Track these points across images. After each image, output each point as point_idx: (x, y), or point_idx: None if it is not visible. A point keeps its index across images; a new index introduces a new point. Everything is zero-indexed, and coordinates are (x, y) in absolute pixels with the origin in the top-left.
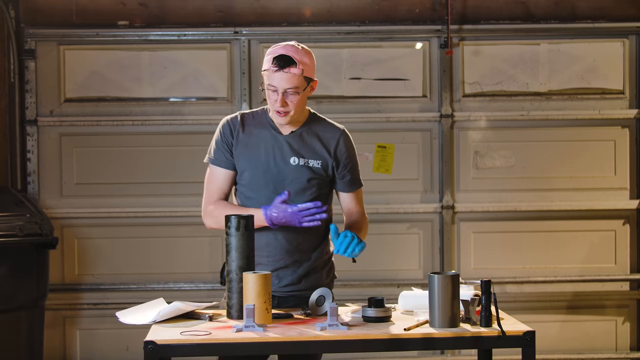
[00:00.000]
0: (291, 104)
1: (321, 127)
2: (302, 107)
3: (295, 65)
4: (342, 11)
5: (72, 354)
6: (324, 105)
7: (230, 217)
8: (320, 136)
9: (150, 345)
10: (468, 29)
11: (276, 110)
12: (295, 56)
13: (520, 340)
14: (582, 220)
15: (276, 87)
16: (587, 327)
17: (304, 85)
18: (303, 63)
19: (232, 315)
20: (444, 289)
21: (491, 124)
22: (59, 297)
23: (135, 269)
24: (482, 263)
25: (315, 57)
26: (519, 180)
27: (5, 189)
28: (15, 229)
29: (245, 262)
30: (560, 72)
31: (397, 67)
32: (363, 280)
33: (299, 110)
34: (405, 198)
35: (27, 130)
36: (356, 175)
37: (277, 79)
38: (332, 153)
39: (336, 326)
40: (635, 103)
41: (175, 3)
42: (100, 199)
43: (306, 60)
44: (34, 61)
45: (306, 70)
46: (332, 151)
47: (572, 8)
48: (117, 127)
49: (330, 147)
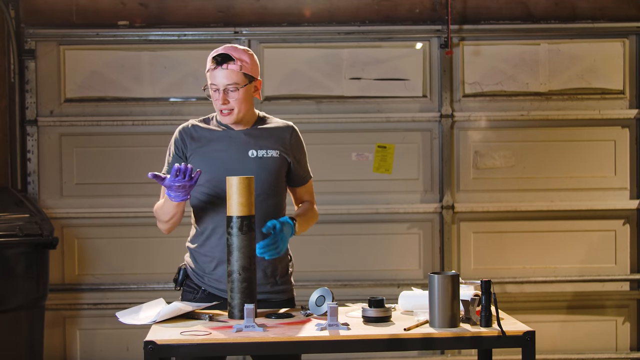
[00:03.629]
0: (233, 101)
1: (272, 125)
2: (246, 106)
3: (233, 61)
4: (342, 11)
5: (72, 354)
6: (324, 105)
7: (232, 217)
8: (272, 132)
9: (150, 345)
10: (468, 29)
11: (220, 110)
12: (233, 54)
13: (520, 340)
14: (582, 220)
15: (217, 85)
16: (587, 327)
17: (244, 81)
18: (241, 60)
19: (233, 315)
20: (444, 289)
21: (491, 124)
22: (59, 297)
23: (135, 269)
24: (482, 263)
25: (315, 57)
26: (519, 180)
27: (5, 189)
28: (15, 229)
29: (248, 262)
30: (560, 72)
31: (397, 67)
32: (363, 280)
33: (242, 109)
34: (405, 198)
35: (27, 130)
36: (306, 168)
37: (217, 76)
38: (287, 146)
39: (336, 326)
40: (635, 103)
41: (175, 3)
42: (100, 199)
43: (245, 58)
44: (34, 61)
45: (245, 67)
46: (287, 144)
47: (572, 8)
48: (117, 127)
49: (284, 141)
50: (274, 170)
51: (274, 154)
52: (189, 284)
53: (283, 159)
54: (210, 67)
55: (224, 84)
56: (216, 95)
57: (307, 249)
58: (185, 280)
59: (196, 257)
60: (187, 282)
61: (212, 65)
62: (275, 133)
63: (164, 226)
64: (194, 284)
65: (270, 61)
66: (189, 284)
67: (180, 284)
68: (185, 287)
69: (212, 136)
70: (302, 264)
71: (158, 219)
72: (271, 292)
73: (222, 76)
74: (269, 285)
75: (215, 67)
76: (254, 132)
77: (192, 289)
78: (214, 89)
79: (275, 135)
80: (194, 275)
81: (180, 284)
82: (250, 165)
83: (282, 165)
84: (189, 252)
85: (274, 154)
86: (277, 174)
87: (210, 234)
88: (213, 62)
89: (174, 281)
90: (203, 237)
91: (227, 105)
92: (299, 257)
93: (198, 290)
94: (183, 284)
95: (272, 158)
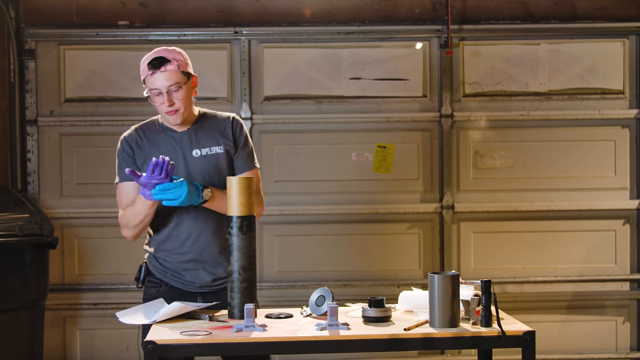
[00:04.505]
0: (177, 100)
1: (213, 119)
2: (189, 103)
3: (170, 62)
4: (342, 11)
5: (72, 354)
6: (324, 105)
7: (232, 217)
8: (214, 126)
9: (150, 345)
10: (468, 29)
11: (166, 112)
12: (167, 55)
13: (520, 340)
14: (582, 220)
15: (159, 88)
16: (587, 327)
17: (184, 79)
18: (176, 59)
19: (233, 315)
20: (444, 289)
21: (491, 124)
22: (59, 297)
23: (135, 269)
24: (482, 263)
25: (316, 57)
26: (519, 180)
27: (5, 189)
28: (15, 229)
29: (248, 262)
30: (560, 72)
31: (397, 67)
32: (363, 280)
33: (187, 107)
34: (405, 198)
35: (27, 130)
36: (250, 156)
37: (157, 80)
38: (230, 138)
39: (336, 326)
40: (635, 103)
41: (175, 3)
42: (100, 199)
43: (178, 57)
44: (34, 61)
45: (181, 66)
46: (230, 136)
47: (572, 8)
48: (117, 127)
49: (226, 134)
50: (220, 166)
51: (218, 150)
52: (150, 280)
53: (227, 153)
54: (148, 73)
55: (166, 85)
56: (160, 99)
57: (307, 249)
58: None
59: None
60: (149, 278)
61: (149, 71)
62: (216, 128)
63: (131, 231)
64: (157, 279)
65: (270, 61)
66: (151, 280)
67: (142, 282)
68: (147, 283)
69: (155, 141)
70: (302, 264)
71: (126, 225)
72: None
73: (163, 79)
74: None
75: (154, 71)
76: (194, 132)
77: (155, 283)
78: (156, 93)
79: (217, 130)
80: (156, 270)
81: (142, 281)
82: (196, 165)
83: (227, 159)
84: (149, 255)
85: (217, 149)
86: (223, 167)
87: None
88: (150, 68)
89: (136, 279)
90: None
91: (173, 105)
92: (299, 257)
93: (161, 284)
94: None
95: (216, 154)
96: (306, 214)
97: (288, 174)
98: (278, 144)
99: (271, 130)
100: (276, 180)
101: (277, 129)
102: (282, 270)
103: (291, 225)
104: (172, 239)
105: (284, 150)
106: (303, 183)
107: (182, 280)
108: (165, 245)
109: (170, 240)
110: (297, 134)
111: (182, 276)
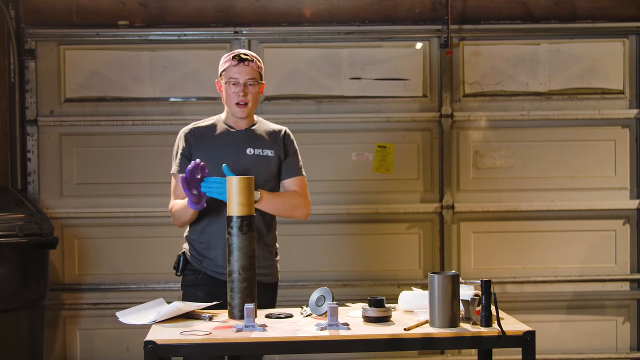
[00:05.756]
0: (250, 95)
1: (268, 126)
2: (256, 102)
3: (252, 61)
4: (342, 11)
5: (72, 354)
6: (324, 105)
7: (232, 217)
8: (269, 133)
9: (150, 345)
10: (468, 29)
11: (236, 103)
12: (250, 54)
13: (520, 340)
14: (582, 220)
15: (237, 79)
16: (587, 327)
17: (259, 78)
18: (257, 60)
19: (233, 315)
20: (444, 288)
21: (491, 124)
22: (59, 297)
23: (135, 269)
24: (482, 263)
25: (316, 57)
26: (519, 180)
27: (5, 188)
28: (15, 229)
29: (248, 262)
30: (560, 72)
31: (397, 67)
32: (363, 280)
33: (254, 105)
34: (405, 198)
35: (27, 130)
36: (298, 165)
37: (238, 71)
38: (281, 145)
39: (336, 326)
40: (635, 103)
41: (175, 3)
42: (100, 199)
43: (257, 61)
44: (34, 61)
45: (260, 68)
46: (281, 144)
47: (572, 8)
48: (117, 127)
49: (278, 141)
50: (270, 167)
51: (269, 153)
52: (189, 268)
53: (277, 158)
54: (231, 64)
55: (245, 78)
56: (235, 89)
57: (307, 249)
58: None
59: (194, 245)
60: (187, 266)
61: (233, 62)
62: (270, 135)
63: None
64: (194, 268)
65: (270, 61)
66: (190, 268)
67: (181, 270)
68: (186, 270)
69: (214, 134)
70: (303, 264)
71: (175, 217)
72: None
73: (244, 71)
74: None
75: (238, 63)
76: (251, 132)
77: (193, 271)
78: (234, 82)
79: (270, 137)
80: (194, 260)
81: (181, 270)
82: (248, 161)
83: (276, 163)
84: (187, 242)
85: (269, 153)
86: (272, 170)
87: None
88: (235, 59)
89: (175, 268)
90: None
91: (245, 98)
92: (299, 257)
93: (199, 272)
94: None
95: (267, 157)
96: None
97: None
98: None
99: None
100: None
101: None
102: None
103: (291, 225)
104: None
105: None
106: None
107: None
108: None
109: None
110: (297, 134)
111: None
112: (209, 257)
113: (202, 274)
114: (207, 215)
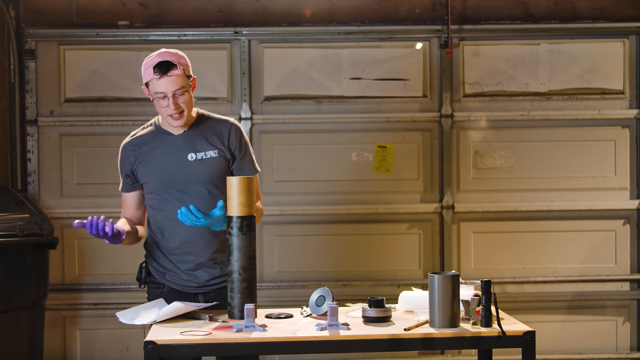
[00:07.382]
0: (183, 104)
1: (212, 122)
2: (192, 105)
3: (176, 67)
4: (342, 11)
5: (72, 354)
6: (324, 105)
7: (232, 217)
8: (211, 129)
9: (151, 345)
10: (468, 29)
11: (170, 115)
12: (172, 59)
13: (520, 340)
14: (582, 220)
15: (165, 92)
16: (587, 327)
17: (188, 83)
18: (181, 63)
19: (233, 315)
20: (444, 289)
21: (491, 124)
22: (59, 297)
23: (135, 269)
24: (482, 263)
25: (316, 57)
26: (519, 180)
27: (5, 189)
28: (15, 229)
29: (248, 262)
30: (560, 72)
31: (397, 67)
32: (363, 280)
33: (190, 106)
34: (405, 198)
35: (27, 130)
36: (252, 162)
37: (164, 84)
38: (226, 144)
39: (336, 326)
40: (635, 103)
41: (175, 3)
42: (100, 199)
43: (183, 61)
44: (34, 61)
45: (186, 70)
46: (226, 142)
47: (572, 8)
48: (117, 127)
49: (223, 139)
50: (214, 168)
51: (213, 154)
52: (152, 280)
53: (222, 158)
54: (154, 77)
55: (172, 90)
56: (164, 103)
57: (307, 249)
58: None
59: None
60: (150, 278)
61: (155, 75)
62: (213, 131)
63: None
64: (157, 281)
65: (270, 61)
66: (153, 280)
67: (144, 282)
68: (150, 283)
69: (153, 144)
70: (302, 264)
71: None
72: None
73: (169, 83)
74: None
75: (161, 75)
76: (190, 135)
77: (157, 285)
78: (161, 96)
79: (213, 134)
80: (155, 272)
81: (144, 281)
82: (191, 169)
83: (222, 164)
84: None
85: (212, 154)
86: (217, 171)
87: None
88: (157, 72)
89: (137, 280)
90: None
91: (178, 109)
92: (299, 257)
93: (164, 285)
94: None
95: (211, 159)
96: (306, 214)
97: (288, 174)
98: (278, 144)
99: (271, 130)
100: (276, 180)
101: (277, 129)
102: (282, 270)
103: (291, 225)
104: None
105: (284, 150)
106: (303, 183)
107: (180, 281)
108: (162, 246)
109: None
110: (297, 134)
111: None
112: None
113: (166, 287)
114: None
